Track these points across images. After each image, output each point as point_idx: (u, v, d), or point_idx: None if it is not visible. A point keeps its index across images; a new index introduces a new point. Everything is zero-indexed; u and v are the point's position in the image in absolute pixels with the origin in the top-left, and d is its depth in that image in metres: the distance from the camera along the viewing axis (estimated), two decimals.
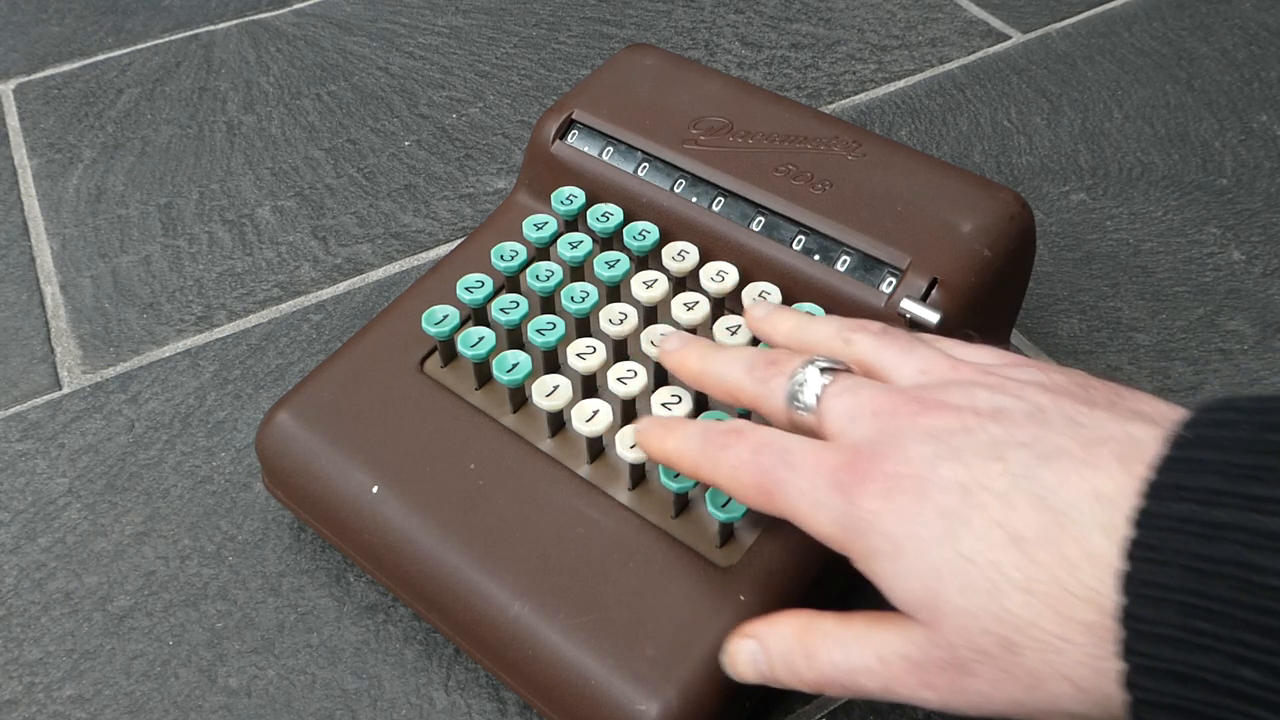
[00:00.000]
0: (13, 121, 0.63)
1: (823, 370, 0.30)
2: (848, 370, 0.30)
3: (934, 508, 0.25)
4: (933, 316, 0.36)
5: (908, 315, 0.36)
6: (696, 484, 0.34)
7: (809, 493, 0.28)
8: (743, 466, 0.29)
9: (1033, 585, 0.23)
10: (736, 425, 0.31)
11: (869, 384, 0.29)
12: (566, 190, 0.44)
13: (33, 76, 0.66)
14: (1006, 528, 0.24)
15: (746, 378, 0.32)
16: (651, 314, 0.41)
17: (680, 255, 0.41)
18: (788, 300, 0.39)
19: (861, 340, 0.31)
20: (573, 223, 0.44)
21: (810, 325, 0.33)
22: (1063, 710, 0.24)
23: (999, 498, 0.24)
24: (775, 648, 0.30)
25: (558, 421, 0.38)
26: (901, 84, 0.64)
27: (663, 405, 0.35)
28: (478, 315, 0.41)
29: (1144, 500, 0.22)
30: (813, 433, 0.29)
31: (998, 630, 0.24)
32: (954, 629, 0.25)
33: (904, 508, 0.26)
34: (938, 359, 0.30)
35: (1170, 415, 0.25)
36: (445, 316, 0.40)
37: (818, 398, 0.29)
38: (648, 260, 0.42)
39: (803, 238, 0.40)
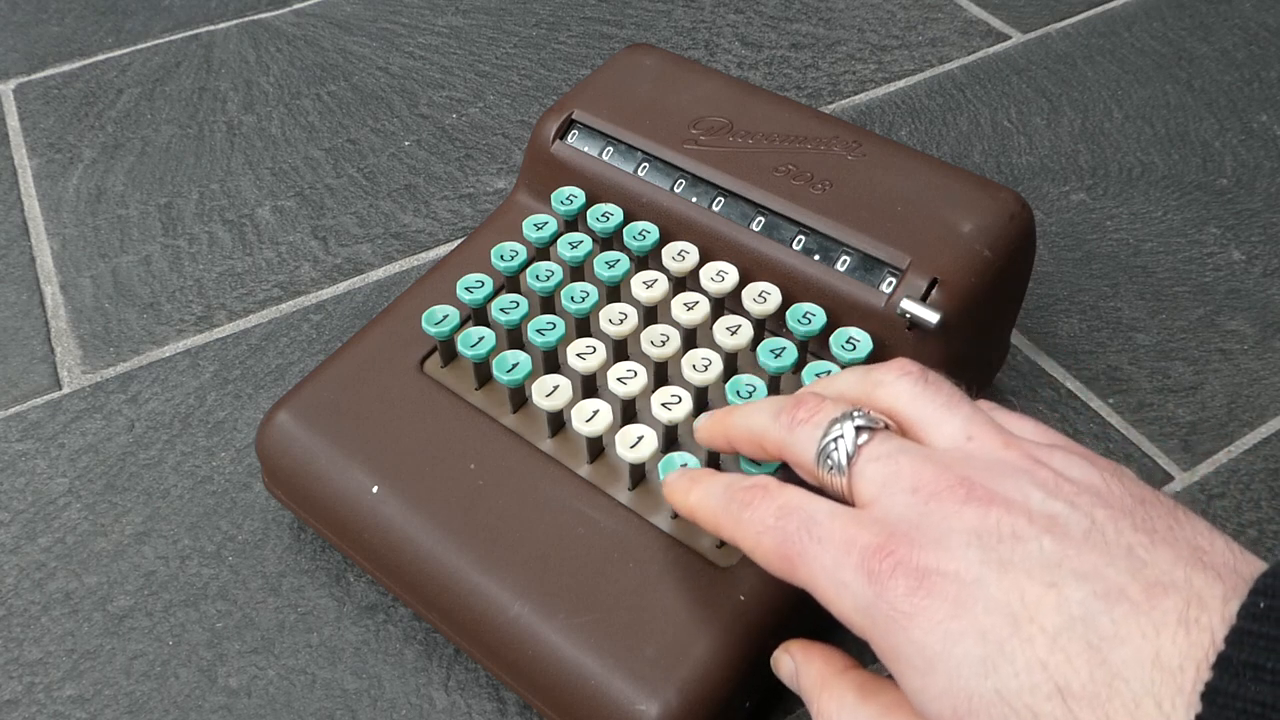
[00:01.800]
0: (13, 121, 0.63)
1: (859, 428, 0.27)
2: (886, 427, 0.28)
3: (975, 629, 0.23)
4: (932, 316, 0.36)
5: (908, 315, 0.36)
6: None
7: (833, 571, 0.25)
8: (766, 531, 0.27)
9: None
10: (761, 482, 0.29)
11: (910, 449, 0.27)
12: (566, 190, 0.44)
13: (33, 76, 0.66)
14: (1052, 674, 0.22)
15: (773, 424, 0.30)
16: (651, 314, 0.41)
17: (680, 255, 0.41)
18: (787, 300, 0.39)
19: (896, 385, 0.29)
20: (573, 223, 0.44)
21: (839, 374, 0.31)
22: None
23: (1049, 637, 0.22)
24: (802, 681, 0.30)
25: (558, 421, 0.38)
26: (901, 84, 0.64)
27: (662, 405, 0.35)
28: (478, 315, 0.41)
29: (1214, 675, 0.20)
30: (840, 494, 0.28)
31: None
32: None
33: (940, 619, 0.23)
34: (985, 426, 0.27)
35: (1233, 563, 0.23)
36: (445, 316, 0.40)
37: (849, 458, 0.27)
38: (648, 260, 0.42)
39: (803, 238, 0.40)
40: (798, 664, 0.30)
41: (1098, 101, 0.62)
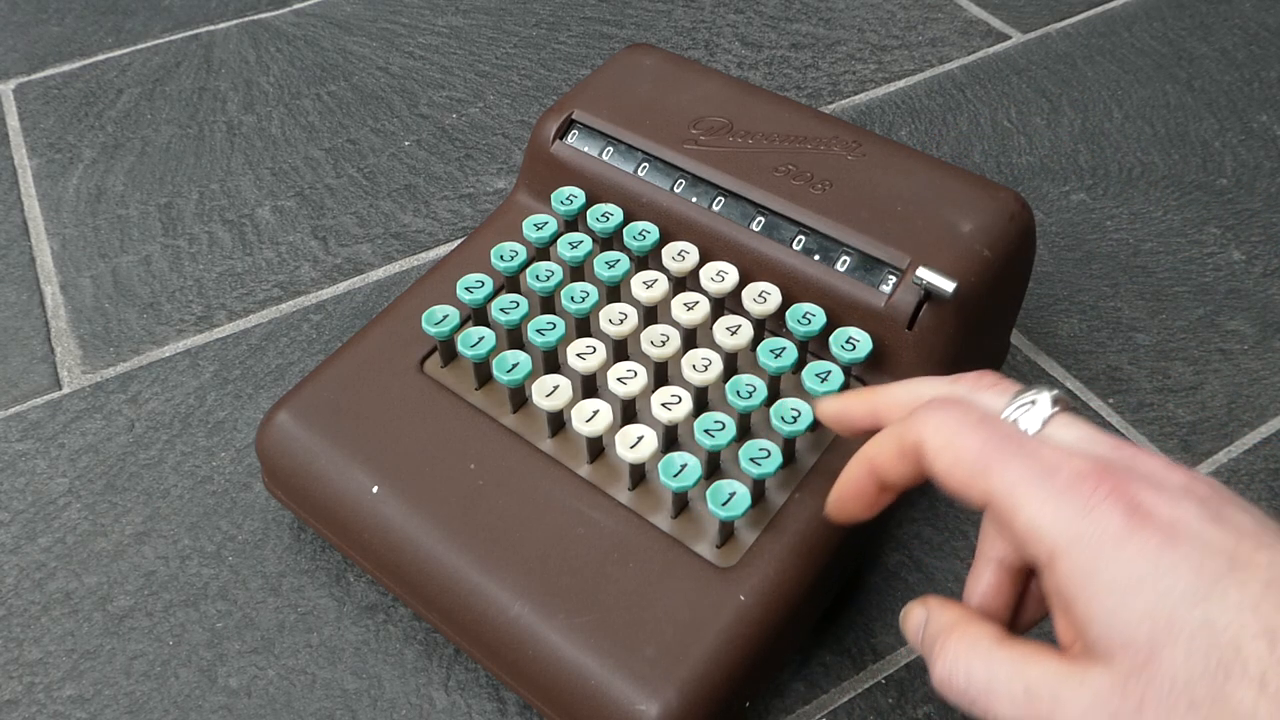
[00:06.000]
0: (13, 121, 0.63)
1: (1055, 399, 0.28)
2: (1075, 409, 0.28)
3: (1190, 561, 0.23)
4: (948, 285, 0.36)
5: (923, 282, 0.36)
6: (696, 483, 0.34)
7: (1038, 483, 0.25)
8: (968, 430, 0.27)
9: (1267, 682, 0.22)
10: (960, 392, 0.29)
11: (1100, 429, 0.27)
12: (566, 190, 0.44)
13: (33, 76, 0.66)
14: (1263, 617, 0.22)
15: (949, 387, 0.29)
16: (651, 314, 0.41)
17: (680, 255, 0.41)
18: (787, 300, 0.39)
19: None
20: (573, 223, 0.44)
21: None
22: None
23: (1263, 584, 0.23)
24: (931, 627, 0.29)
25: (558, 421, 0.38)
26: (901, 84, 0.64)
27: (662, 405, 0.35)
28: (478, 315, 0.41)
29: None
30: None
31: (1208, 710, 0.22)
32: (1160, 690, 0.23)
33: (1155, 546, 0.24)
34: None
35: None
36: (445, 316, 0.40)
37: (1044, 422, 0.27)
38: (648, 260, 0.42)
39: (803, 238, 0.40)
40: (930, 612, 0.29)
41: (1098, 101, 0.62)
